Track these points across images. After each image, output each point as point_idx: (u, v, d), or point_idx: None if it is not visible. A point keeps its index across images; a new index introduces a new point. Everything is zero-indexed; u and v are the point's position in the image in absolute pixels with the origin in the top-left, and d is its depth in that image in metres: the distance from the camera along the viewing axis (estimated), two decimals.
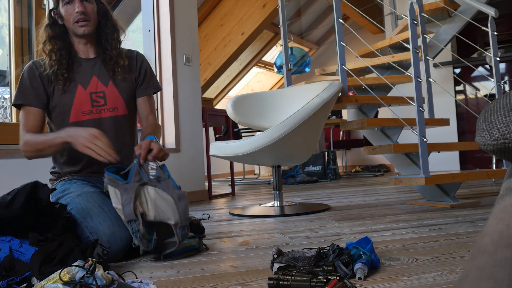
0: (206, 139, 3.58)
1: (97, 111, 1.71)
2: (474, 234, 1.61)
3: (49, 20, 1.70)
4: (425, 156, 2.28)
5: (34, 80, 1.67)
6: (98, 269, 1.04)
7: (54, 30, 1.69)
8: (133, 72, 1.81)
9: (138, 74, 1.82)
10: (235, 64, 6.41)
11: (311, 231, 1.84)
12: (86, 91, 1.70)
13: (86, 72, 1.73)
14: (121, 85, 1.76)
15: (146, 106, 1.81)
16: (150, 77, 1.85)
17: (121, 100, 1.76)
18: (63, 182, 1.70)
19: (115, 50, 1.73)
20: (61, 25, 1.70)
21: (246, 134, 5.36)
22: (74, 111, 1.69)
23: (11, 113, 2.54)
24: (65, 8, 1.66)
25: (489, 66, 4.94)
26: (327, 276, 1.03)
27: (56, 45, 1.67)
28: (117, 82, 1.75)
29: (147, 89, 1.83)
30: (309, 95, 2.47)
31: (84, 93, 1.70)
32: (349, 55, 5.55)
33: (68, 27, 1.69)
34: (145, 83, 1.82)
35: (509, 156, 0.63)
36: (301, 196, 3.39)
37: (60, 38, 1.69)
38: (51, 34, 1.68)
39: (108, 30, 1.74)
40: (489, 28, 2.64)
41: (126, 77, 1.77)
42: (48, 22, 1.70)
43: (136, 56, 1.84)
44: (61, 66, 1.66)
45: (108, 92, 1.73)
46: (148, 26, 3.42)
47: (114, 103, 1.73)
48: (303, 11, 6.57)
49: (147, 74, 1.84)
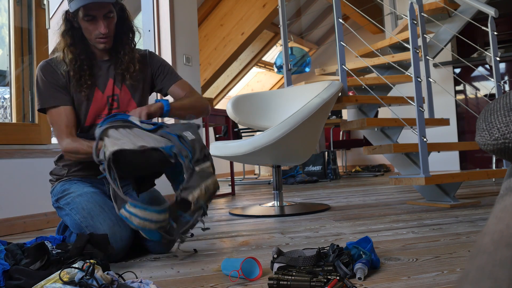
0: (206, 139, 3.58)
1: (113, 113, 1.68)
2: (474, 234, 1.61)
3: (66, 26, 1.62)
4: (425, 156, 2.28)
5: (55, 79, 1.63)
6: (97, 270, 1.04)
7: (72, 37, 1.62)
8: (146, 72, 1.76)
9: (155, 71, 1.77)
10: (235, 64, 6.41)
11: (311, 231, 1.84)
12: (103, 94, 1.68)
13: (104, 75, 1.69)
14: (134, 88, 1.72)
15: (178, 90, 1.76)
16: (171, 68, 1.81)
17: (134, 104, 1.72)
18: (63, 183, 1.70)
19: (128, 54, 1.67)
20: (77, 28, 1.62)
21: (246, 134, 5.35)
22: (90, 116, 1.66)
23: (11, 113, 2.54)
24: (87, 23, 1.58)
25: (489, 66, 4.94)
26: (327, 276, 1.03)
27: (76, 50, 1.61)
28: (130, 84, 1.71)
29: (172, 77, 1.78)
30: (309, 95, 2.47)
31: (101, 96, 1.67)
32: (349, 55, 5.54)
33: (88, 37, 1.63)
34: (168, 74, 1.78)
35: (509, 156, 0.63)
36: (301, 196, 3.39)
37: (78, 43, 1.63)
38: (70, 42, 1.61)
39: (124, 33, 1.68)
40: (489, 28, 2.64)
41: (136, 83, 1.72)
42: (65, 28, 1.62)
43: (148, 55, 1.79)
44: (83, 72, 1.62)
45: (121, 96, 1.70)
46: (148, 26, 3.42)
47: (126, 107, 1.71)
48: (303, 11, 6.56)
49: (166, 66, 1.79)
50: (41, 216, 2.35)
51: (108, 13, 1.58)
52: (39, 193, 2.35)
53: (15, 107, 2.52)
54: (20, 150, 2.34)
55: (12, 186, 2.27)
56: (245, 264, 1.17)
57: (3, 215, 2.19)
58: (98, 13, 1.55)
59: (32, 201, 2.33)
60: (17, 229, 2.23)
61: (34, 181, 2.35)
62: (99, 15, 1.56)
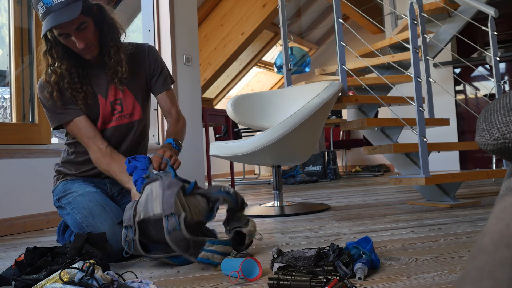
0: (206, 139, 3.58)
1: (115, 118, 1.67)
2: (474, 234, 1.61)
3: (46, 46, 1.52)
4: (425, 156, 2.28)
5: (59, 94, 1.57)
6: (97, 270, 1.04)
7: (55, 54, 1.53)
8: (145, 68, 1.71)
9: (152, 70, 1.72)
10: (235, 64, 6.41)
11: (311, 231, 1.84)
12: (106, 101, 1.65)
13: (103, 81, 1.64)
14: (135, 88, 1.69)
15: (166, 101, 1.75)
16: (166, 71, 1.78)
17: (138, 105, 1.70)
18: (65, 182, 1.70)
19: (114, 57, 1.58)
20: (62, 44, 1.52)
21: (246, 134, 5.36)
22: (100, 124, 1.65)
23: (11, 113, 2.54)
24: (64, 40, 1.50)
25: (489, 66, 4.94)
26: (327, 276, 1.03)
27: (62, 66, 1.53)
28: (132, 86, 1.68)
29: (165, 84, 1.75)
30: (309, 95, 2.47)
31: (104, 103, 1.65)
32: (349, 55, 5.54)
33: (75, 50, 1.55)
34: (161, 78, 1.74)
35: (509, 156, 0.63)
36: (301, 196, 3.39)
37: (64, 58, 1.54)
38: (51, 62, 1.53)
39: (106, 34, 1.57)
40: (489, 28, 2.64)
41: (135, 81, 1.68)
42: (45, 48, 1.52)
43: (148, 50, 1.72)
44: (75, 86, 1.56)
45: (124, 99, 1.67)
46: (148, 26, 3.42)
47: (130, 109, 1.68)
48: (303, 11, 6.56)
49: (163, 68, 1.75)
50: (41, 216, 2.35)
51: (80, 25, 1.46)
52: (39, 193, 2.35)
53: (15, 107, 2.52)
54: (20, 150, 2.34)
55: (12, 186, 2.27)
56: (245, 264, 1.17)
57: (3, 215, 2.20)
58: (69, 29, 1.45)
59: (32, 201, 2.33)
60: (17, 229, 2.23)
61: (34, 181, 2.35)
62: (71, 31, 1.46)
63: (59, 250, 1.28)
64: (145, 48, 1.73)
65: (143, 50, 1.72)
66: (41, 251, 1.24)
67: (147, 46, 1.75)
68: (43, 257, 1.20)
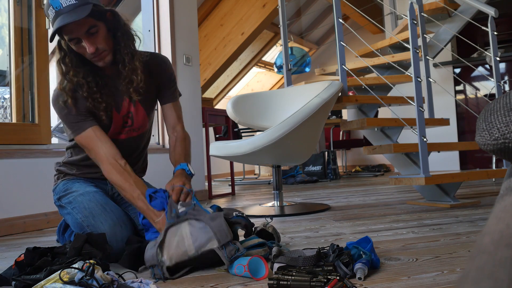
0: (206, 139, 3.58)
1: (125, 132, 1.65)
2: (474, 234, 1.61)
3: (60, 54, 1.49)
4: (425, 156, 2.28)
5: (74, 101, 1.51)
6: (97, 270, 1.04)
7: (69, 63, 1.49)
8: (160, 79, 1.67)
9: (165, 82, 1.68)
10: (235, 64, 6.41)
11: (311, 231, 1.84)
12: (119, 115, 1.61)
13: (118, 93, 1.59)
14: (146, 102, 1.65)
15: (173, 114, 1.70)
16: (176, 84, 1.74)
17: (147, 119, 1.68)
18: (66, 181, 1.70)
19: (128, 65, 1.52)
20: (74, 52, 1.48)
21: (246, 134, 5.36)
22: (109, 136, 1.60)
23: (11, 113, 2.54)
24: (75, 46, 1.45)
25: (489, 66, 4.94)
26: (327, 276, 1.03)
27: (78, 74, 1.48)
28: (143, 99, 1.62)
29: (173, 95, 1.71)
30: (309, 95, 2.47)
31: (118, 117, 1.61)
32: (349, 55, 5.55)
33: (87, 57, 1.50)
34: (172, 89, 1.70)
35: (509, 156, 0.63)
36: (301, 196, 3.39)
37: (79, 66, 1.50)
38: (65, 70, 1.49)
39: (120, 41, 1.51)
40: (489, 28, 2.64)
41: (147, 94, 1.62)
42: (60, 57, 1.49)
43: (162, 62, 1.68)
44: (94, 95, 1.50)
45: (135, 113, 1.64)
46: (148, 26, 3.42)
47: (140, 123, 1.66)
48: (303, 11, 6.56)
49: (174, 80, 1.71)
50: (41, 216, 2.35)
51: (90, 29, 1.41)
52: (39, 193, 2.35)
53: (15, 107, 2.52)
54: (20, 150, 2.34)
55: (12, 186, 2.27)
56: (252, 262, 1.17)
57: (3, 215, 2.20)
58: (78, 33, 1.40)
59: (32, 201, 2.33)
60: (17, 229, 2.23)
61: (34, 181, 2.35)
62: (80, 34, 1.41)
63: (59, 250, 1.28)
64: (160, 59, 1.68)
65: (158, 61, 1.67)
66: (41, 251, 1.24)
67: (162, 57, 1.71)
68: (43, 257, 1.20)
